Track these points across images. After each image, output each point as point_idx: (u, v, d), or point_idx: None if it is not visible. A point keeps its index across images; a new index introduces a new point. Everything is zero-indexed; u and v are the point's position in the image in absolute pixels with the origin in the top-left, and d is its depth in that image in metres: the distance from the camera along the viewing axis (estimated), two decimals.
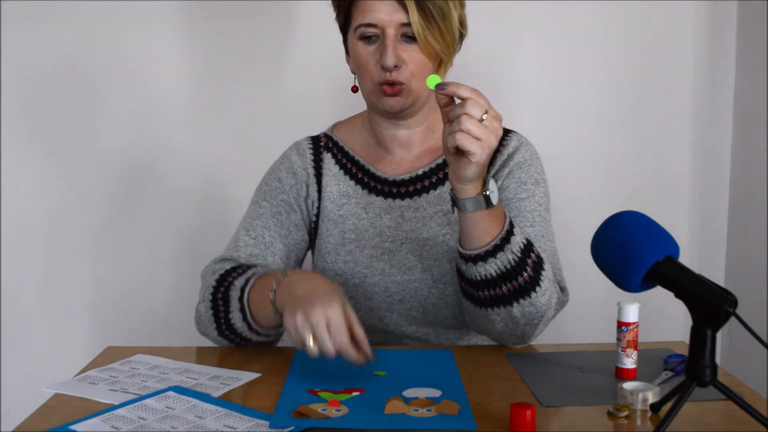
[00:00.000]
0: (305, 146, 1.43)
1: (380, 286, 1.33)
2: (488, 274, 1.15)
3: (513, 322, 1.19)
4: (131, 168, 2.03)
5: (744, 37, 2.04)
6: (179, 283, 2.05)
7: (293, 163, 1.41)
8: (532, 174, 1.34)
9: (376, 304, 1.34)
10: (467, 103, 1.06)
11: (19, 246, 2.02)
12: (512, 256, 1.15)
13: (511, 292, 1.16)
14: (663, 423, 0.85)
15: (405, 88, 1.26)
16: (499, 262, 1.15)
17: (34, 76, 1.98)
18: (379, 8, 1.24)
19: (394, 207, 1.36)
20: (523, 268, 1.15)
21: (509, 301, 1.17)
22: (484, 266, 1.15)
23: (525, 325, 1.19)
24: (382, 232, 1.35)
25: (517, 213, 1.30)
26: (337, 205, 1.38)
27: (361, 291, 1.33)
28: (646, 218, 0.96)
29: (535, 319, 1.19)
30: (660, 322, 1.66)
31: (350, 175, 1.39)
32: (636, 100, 2.07)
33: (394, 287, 1.33)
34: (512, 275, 1.15)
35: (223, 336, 1.26)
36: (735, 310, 0.84)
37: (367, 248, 1.34)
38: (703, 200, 2.12)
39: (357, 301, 1.34)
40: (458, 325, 1.34)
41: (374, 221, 1.36)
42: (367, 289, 1.33)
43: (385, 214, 1.36)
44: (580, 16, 2.03)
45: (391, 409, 0.96)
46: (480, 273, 1.16)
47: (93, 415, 0.97)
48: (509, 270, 1.15)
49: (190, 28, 1.99)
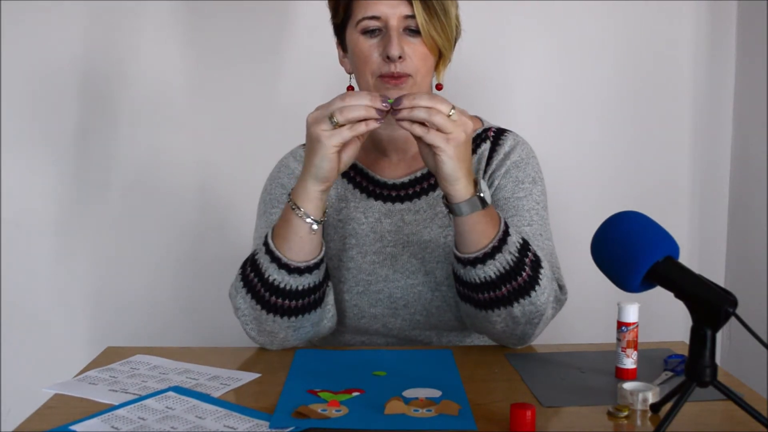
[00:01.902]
0: (301, 153, 1.41)
1: (384, 292, 1.33)
2: (488, 276, 1.16)
3: (514, 322, 1.19)
4: (131, 169, 2.03)
5: (744, 37, 2.04)
6: (179, 283, 2.05)
7: (293, 169, 1.40)
8: (528, 173, 1.34)
9: (380, 311, 1.33)
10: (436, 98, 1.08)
11: (20, 246, 2.02)
12: (510, 256, 1.15)
13: (511, 292, 1.16)
14: (663, 423, 0.85)
15: (409, 81, 1.26)
16: (498, 264, 1.15)
17: (34, 77, 1.98)
18: (382, 2, 1.24)
19: (394, 211, 1.36)
20: (522, 267, 1.16)
21: (509, 301, 1.17)
22: (483, 269, 1.15)
23: (526, 324, 1.20)
24: (383, 237, 1.34)
25: (514, 212, 1.30)
26: (336, 210, 1.37)
27: (365, 299, 1.33)
28: (646, 218, 0.96)
29: (535, 318, 1.19)
30: (660, 322, 1.66)
31: (348, 178, 1.39)
32: (636, 100, 2.07)
33: (399, 293, 1.32)
34: (511, 276, 1.15)
35: (270, 309, 1.20)
36: (735, 310, 0.84)
37: (369, 254, 1.34)
38: (703, 201, 2.12)
39: (361, 308, 1.33)
40: (461, 327, 1.34)
41: (374, 226, 1.35)
42: (371, 296, 1.33)
43: (384, 218, 1.35)
44: (579, 17, 2.03)
45: (391, 409, 0.96)
46: (479, 276, 1.16)
47: (93, 415, 0.97)
48: (508, 271, 1.15)
49: (189, 30, 2.00)
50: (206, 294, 2.05)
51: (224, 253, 2.03)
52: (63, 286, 2.04)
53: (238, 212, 2.03)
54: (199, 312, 2.06)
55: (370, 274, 1.33)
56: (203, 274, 2.05)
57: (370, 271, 1.33)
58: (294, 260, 1.18)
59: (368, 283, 1.33)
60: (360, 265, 1.33)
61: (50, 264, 2.04)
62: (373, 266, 1.33)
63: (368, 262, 1.33)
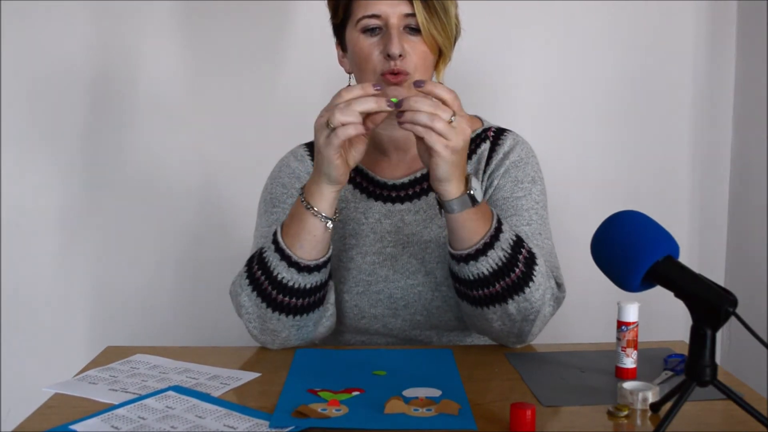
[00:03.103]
0: (302, 152, 1.43)
1: (384, 293, 1.33)
2: (480, 272, 1.16)
3: (509, 320, 1.20)
4: (131, 169, 2.03)
5: (744, 36, 2.04)
6: (179, 283, 2.05)
7: (294, 168, 1.40)
8: (528, 172, 1.34)
9: (381, 311, 1.33)
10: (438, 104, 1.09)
11: (20, 246, 2.02)
12: (503, 252, 1.15)
13: (505, 288, 1.17)
14: (663, 423, 0.85)
15: (410, 79, 1.25)
16: (491, 260, 1.15)
17: (34, 77, 1.98)
18: (382, 0, 1.24)
19: (394, 211, 1.36)
20: (515, 264, 1.16)
21: (503, 298, 1.17)
22: (476, 265, 1.16)
23: (522, 321, 1.20)
24: (383, 237, 1.35)
25: (513, 212, 1.30)
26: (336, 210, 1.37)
27: (365, 299, 1.33)
28: (646, 218, 0.96)
29: (531, 314, 1.19)
30: (660, 322, 1.66)
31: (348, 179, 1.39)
32: (636, 99, 2.07)
33: (399, 293, 1.33)
34: (504, 272, 1.16)
35: (275, 307, 1.21)
36: (735, 310, 0.84)
37: (369, 254, 1.34)
38: (703, 200, 2.12)
39: (361, 309, 1.33)
40: (461, 326, 1.34)
41: (374, 226, 1.35)
42: (371, 297, 1.33)
43: (384, 219, 1.36)
44: (579, 16, 2.03)
45: (391, 408, 0.96)
46: (473, 272, 1.17)
47: (93, 415, 0.97)
48: (501, 267, 1.16)
49: (188, 30, 2.00)
50: (206, 294, 2.05)
51: (224, 253, 2.03)
52: (63, 286, 2.04)
53: (237, 213, 2.03)
54: (199, 312, 2.06)
55: (370, 275, 1.33)
56: (203, 274, 2.05)
57: (370, 271, 1.33)
58: (304, 258, 1.19)
59: (368, 284, 1.33)
60: (360, 265, 1.34)
61: (50, 264, 2.04)
62: (373, 267, 1.33)
63: (368, 262, 1.34)
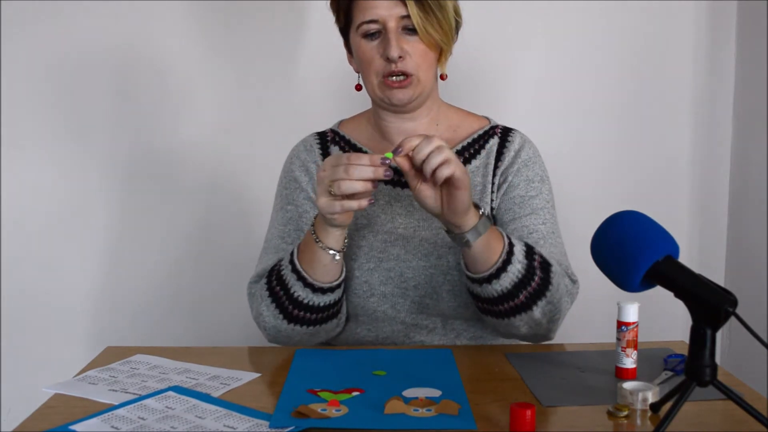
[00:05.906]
0: (312, 141, 1.45)
1: (396, 270, 1.33)
2: (504, 288, 1.20)
3: (536, 324, 1.24)
4: (133, 168, 2.02)
5: (744, 37, 2.04)
6: (180, 283, 2.05)
7: (303, 160, 1.42)
8: (537, 172, 1.37)
9: (390, 289, 1.34)
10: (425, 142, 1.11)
11: (20, 246, 2.02)
12: (520, 264, 1.19)
13: (528, 297, 1.21)
14: (663, 423, 0.85)
15: (413, 80, 1.29)
16: (511, 274, 1.19)
17: (35, 76, 1.98)
18: (378, 5, 1.27)
19: (403, 196, 1.37)
20: (533, 272, 1.20)
21: (528, 306, 1.21)
22: (498, 282, 1.19)
23: (548, 322, 1.24)
24: (394, 218, 1.36)
25: (530, 210, 1.33)
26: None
27: (376, 275, 1.33)
28: (646, 218, 0.96)
29: (555, 314, 1.24)
30: (660, 322, 1.66)
31: None
32: (636, 99, 2.07)
33: (410, 272, 1.33)
34: (526, 282, 1.20)
35: (292, 320, 1.26)
36: (735, 310, 0.84)
37: (381, 233, 1.35)
38: (703, 200, 2.12)
39: (371, 285, 1.33)
40: (466, 315, 1.34)
41: (385, 208, 1.37)
42: (382, 273, 1.34)
43: (395, 201, 1.38)
44: (580, 16, 2.03)
45: (391, 409, 0.96)
46: (497, 290, 1.20)
47: (93, 415, 0.97)
48: (522, 278, 1.19)
49: (198, 27, 1.99)
50: (206, 294, 2.05)
51: (225, 253, 2.03)
52: (63, 286, 2.04)
53: (241, 213, 2.03)
54: (199, 312, 2.06)
55: (381, 252, 1.34)
56: (203, 275, 2.05)
57: (382, 248, 1.34)
58: (319, 281, 1.24)
59: (380, 260, 1.34)
60: (372, 243, 1.35)
61: (50, 263, 2.03)
62: (385, 245, 1.35)
63: (380, 240, 1.35)
